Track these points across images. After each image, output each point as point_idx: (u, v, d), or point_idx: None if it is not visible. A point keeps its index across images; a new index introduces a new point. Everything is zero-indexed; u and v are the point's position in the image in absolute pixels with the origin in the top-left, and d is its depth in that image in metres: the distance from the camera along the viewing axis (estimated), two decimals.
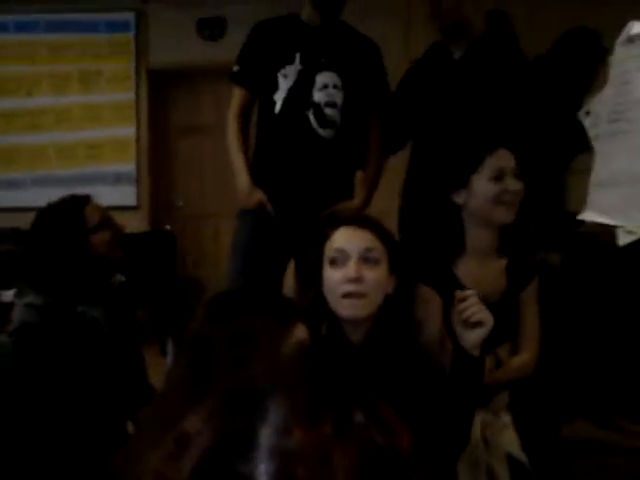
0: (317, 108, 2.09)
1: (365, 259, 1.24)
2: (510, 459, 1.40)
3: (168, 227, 4.58)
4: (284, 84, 2.09)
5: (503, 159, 1.49)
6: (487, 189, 1.46)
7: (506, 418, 1.52)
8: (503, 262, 1.53)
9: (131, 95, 4.68)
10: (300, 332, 0.92)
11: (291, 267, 2.25)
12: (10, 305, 1.67)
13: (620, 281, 1.93)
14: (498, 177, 1.47)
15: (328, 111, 2.09)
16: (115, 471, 0.89)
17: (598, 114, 2.68)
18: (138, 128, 4.69)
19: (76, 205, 1.66)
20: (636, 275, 1.95)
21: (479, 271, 1.50)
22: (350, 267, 1.23)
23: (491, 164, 1.47)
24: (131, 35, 4.69)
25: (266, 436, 0.45)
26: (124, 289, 1.87)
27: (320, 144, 2.10)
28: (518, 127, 2.19)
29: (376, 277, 1.24)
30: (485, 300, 1.29)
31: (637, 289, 1.91)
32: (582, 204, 2.49)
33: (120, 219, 1.76)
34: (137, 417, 1.49)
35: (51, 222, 1.62)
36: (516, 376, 1.45)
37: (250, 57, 2.18)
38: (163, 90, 4.82)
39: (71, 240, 1.60)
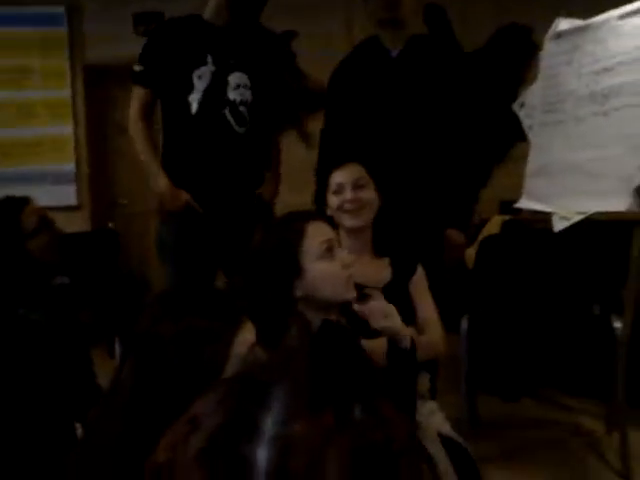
0: (233, 106, 2.15)
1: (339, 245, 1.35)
2: (443, 439, 1.45)
3: (110, 225, 4.48)
4: (199, 85, 2.11)
5: (343, 175, 1.70)
6: (332, 202, 1.69)
7: (432, 404, 1.59)
8: (384, 260, 1.68)
9: (67, 92, 4.54)
10: (248, 332, 0.94)
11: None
12: None
13: (555, 267, 2.04)
14: (337, 191, 1.68)
15: (242, 109, 2.16)
16: (68, 472, 0.89)
17: (532, 105, 2.81)
18: (76, 126, 4.56)
19: (12, 209, 1.62)
20: (570, 261, 2.06)
21: (359, 267, 1.58)
22: (341, 253, 1.32)
23: (333, 181, 1.70)
24: (64, 30, 4.53)
25: (269, 424, 0.47)
26: (67, 291, 1.84)
27: (237, 140, 2.17)
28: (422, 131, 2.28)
29: None
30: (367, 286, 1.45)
31: (571, 276, 2.02)
32: (518, 192, 2.61)
33: (61, 219, 1.73)
34: (85, 418, 1.47)
35: None
36: (427, 354, 1.50)
37: (155, 57, 2.17)
38: (100, 87, 4.69)
39: (6, 245, 1.57)
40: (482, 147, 2.70)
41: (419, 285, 1.67)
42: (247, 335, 0.93)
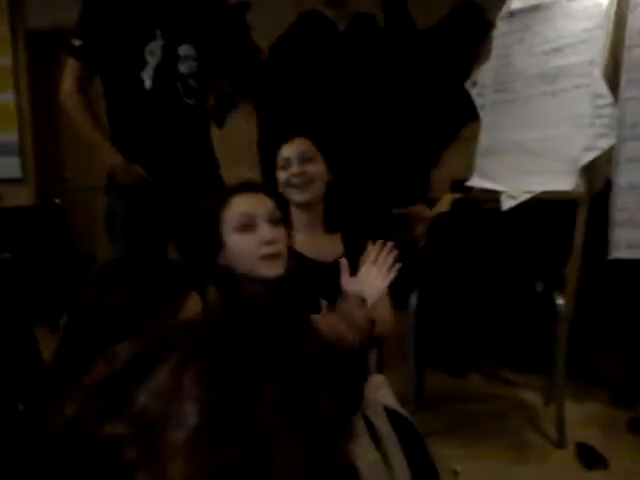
0: (183, 79, 2.12)
1: (271, 220, 1.29)
2: (389, 412, 1.48)
3: (57, 201, 4.34)
4: (152, 61, 2.07)
5: (290, 149, 1.66)
6: (280, 177, 1.66)
7: (379, 378, 1.59)
8: (336, 236, 1.68)
9: (7, 59, 4.32)
10: (195, 303, 0.94)
11: None
12: None
13: (502, 245, 2.09)
14: (284, 166, 1.64)
15: (190, 82, 2.14)
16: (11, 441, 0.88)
17: (484, 84, 2.84)
18: (18, 94, 4.35)
19: None
20: (516, 239, 2.10)
21: (312, 242, 1.62)
22: (263, 229, 1.26)
23: (280, 156, 1.66)
24: None
25: (159, 375, 0.51)
26: (9, 266, 1.78)
27: (188, 112, 2.15)
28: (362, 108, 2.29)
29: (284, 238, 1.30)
30: (320, 261, 1.52)
31: (516, 254, 2.07)
32: (470, 171, 2.65)
33: (4, 192, 1.65)
34: (28, 395, 1.44)
35: None
36: (377, 330, 1.53)
37: (96, 31, 2.07)
38: (44, 53, 4.49)
39: None
40: (433, 125, 2.72)
41: None
42: (194, 305, 0.93)
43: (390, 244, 1.37)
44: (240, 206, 1.28)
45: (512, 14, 2.81)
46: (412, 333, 2.02)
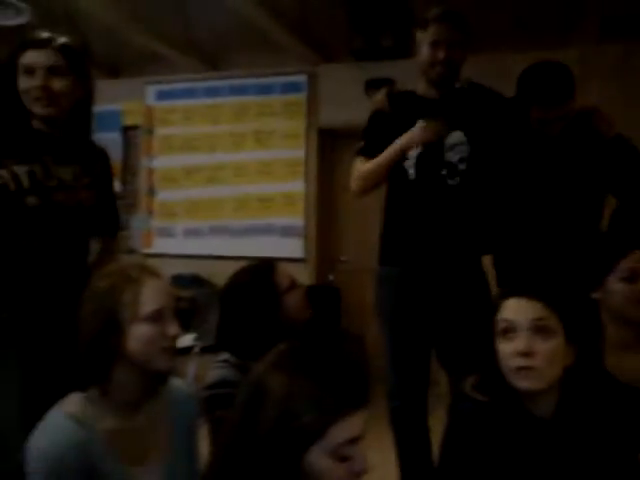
0: (451, 167, 2.20)
1: (536, 330, 1.23)
2: None
3: (331, 278, 4.66)
4: (413, 152, 2.19)
5: (634, 260, 1.56)
6: (620, 289, 1.54)
7: None
8: None
9: (301, 152, 4.94)
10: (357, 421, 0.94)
11: None
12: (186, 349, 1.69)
13: None
14: (630, 278, 1.53)
15: (461, 167, 2.20)
16: None
17: None
18: (307, 183, 4.91)
19: (266, 271, 1.75)
20: None
21: (629, 365, 1.49)
22: (520, 340, 1.22)
23: (623, 266, 1.55)
24: (303, 96, 4.96)
25: None
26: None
27: (450, 194, 2.20)
28: None
29: (549, 349, 1.22)
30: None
31: None
32: None
33: (290, 270, 1.81)
34: None
35: (245, 287, 1.70)
36: None
37: (374, 133, 2.32)
38: (331, 147, 5.03)
39: (265, 304, 1.67)
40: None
41: None
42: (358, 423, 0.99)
43: None
44: (506, 311, 1.31)
45: None
46: None
